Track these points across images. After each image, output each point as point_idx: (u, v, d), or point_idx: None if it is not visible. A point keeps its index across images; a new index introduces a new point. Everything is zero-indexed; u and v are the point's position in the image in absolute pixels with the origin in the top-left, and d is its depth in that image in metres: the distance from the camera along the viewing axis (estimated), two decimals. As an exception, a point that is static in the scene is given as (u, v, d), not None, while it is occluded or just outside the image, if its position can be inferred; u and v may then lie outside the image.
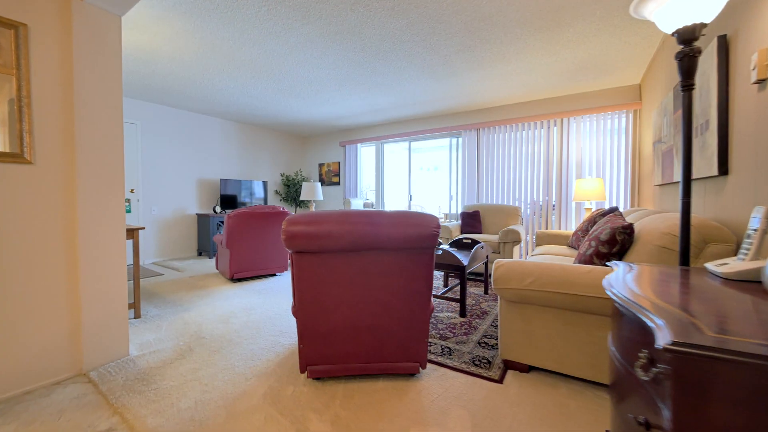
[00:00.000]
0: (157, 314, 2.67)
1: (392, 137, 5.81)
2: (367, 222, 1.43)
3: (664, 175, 2.47)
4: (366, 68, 3.44)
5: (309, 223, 1.40)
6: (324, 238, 1.40)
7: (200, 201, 5.43)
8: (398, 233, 1.44)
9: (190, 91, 4.19)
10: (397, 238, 1.44)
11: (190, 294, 3.22)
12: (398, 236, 1.44)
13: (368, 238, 1.43)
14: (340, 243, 1.42)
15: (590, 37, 2.78)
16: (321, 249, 1.44)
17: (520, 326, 1.78)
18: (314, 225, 1.40)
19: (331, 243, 1.42)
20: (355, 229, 1.42)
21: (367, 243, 1.44)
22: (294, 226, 1.40)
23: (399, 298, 1.60)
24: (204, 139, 5.43)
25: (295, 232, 1.40)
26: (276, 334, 2.28)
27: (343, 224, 1.42)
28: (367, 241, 1.43)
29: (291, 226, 1.40)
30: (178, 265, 4.54)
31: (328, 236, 1.40)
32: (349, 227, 1.42)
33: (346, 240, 1.42)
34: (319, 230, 1.40)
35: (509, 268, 1.75)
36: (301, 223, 1.40)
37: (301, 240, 1.40)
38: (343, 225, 1.42)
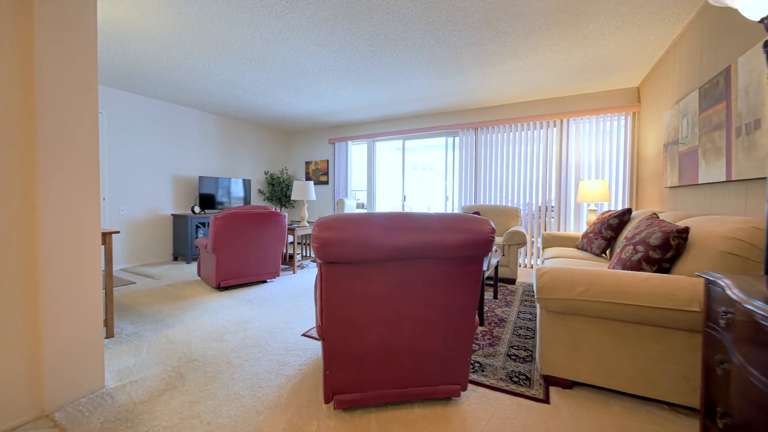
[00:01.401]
0: (135, 332, 2.29)
1: (385, 135, 5.60)
2: (417, 227, 1.21)
3: (683, 176, 2.44)
4: (370, 59, 3.21)
5: (347, 228, 1.16)
6: (366, 246, 1.17)
7: (176, 200, 4.95)
8: (451, 240, 1.23)
9: (168, 77, 3.76)
10: (450, 246, 1.23)
11: (172, 306, 2.84)
12: (452, 243, 1.23)
13: (418, 246, 1.21)
14: (384, 252, 1.19)
15: (606, 35, 2.71)
16: (360, 259, 1.20)
17: (564, 339, 1.63)
18: (354, 231, 1.16)
19: (374, 252, 1.18)
20: (405, 235, 1.20)
21: (416, 251, 1.22)
22: (328, 231, 1.15)
23: (442, 313, 1.39)
24: (181, 133, 4.96)
25: (329, 239, 1.15)
26: (281, 352, 2.00)
27: (390, 230, 1.19)
28: (416, 250, 1.22)
29: (324, 231, 1.15)
30: (152, 272, 4.08)
31: (371, 244, 1.17)
32: (397, 234, 1.19)
33: (391, 248, 1.19)
34: (361, 237, 1.16)
35: (555, 277, 1.59)
36: (337, 228, 1.16)
37: (337, 248, 1.16)
38: (390, 231, 1.19)
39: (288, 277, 3.88)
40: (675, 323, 1.39)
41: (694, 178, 2.25)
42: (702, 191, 2.21)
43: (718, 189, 2.01)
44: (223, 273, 3.25)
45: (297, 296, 3.14)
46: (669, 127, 2.71)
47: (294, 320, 2.53)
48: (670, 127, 2.69)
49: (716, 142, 1.95)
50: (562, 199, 4.32)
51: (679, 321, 1.38)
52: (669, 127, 2.71)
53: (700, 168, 2.16)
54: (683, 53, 2.59)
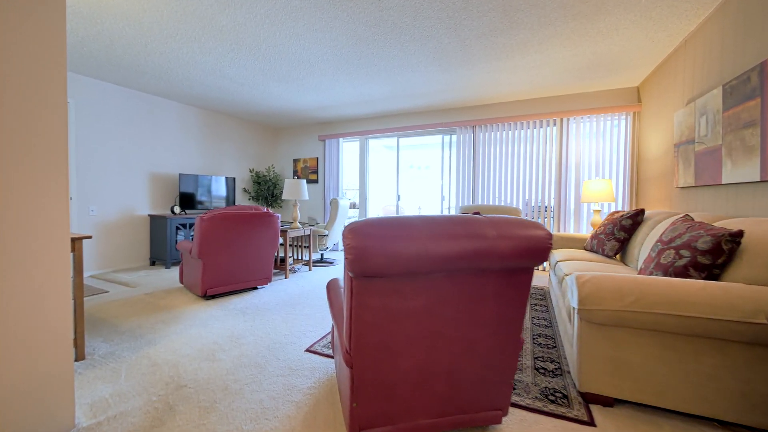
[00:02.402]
0: (110, 352, 1.98)
1: (379, 132, 5.39)
2: (470, 233, 1.02)
3: (700, 177, 2.38)
4: (372, 49, 2.99)
5: (390, 236, 0.96)
6: (413, 257, 0.97)
7: (153, 199, 4.55)
8: (506, 247, 1.05)
9: (145, 64, 3.40)
10: (504, 254, 1.05)
11: (152, 318, 2.52)
12: (506, 251, 1.05)
13: (468, 255, 1.02)
14: (431, 263, 0.99)
15: (620, 30, 2.62)
16: (404, 271, 1.00)
17: (607, 352, 1.49)
18: (399, 239, 0.96)
19: (421, 263, 0.98)
20: (456, 243, 1.00)
21: (465, 261, 1.03)
22: (367, 240, 0.94)
23: (486, 330, 1.21)
24: (159, 126, 4.56)
25: (368, 248, 0.94)
26: (284, 372, 1.77)
27: (440, 237, 0.99)
28: (466, 259, 1.03)
29: (362, 239, 0.94)
30: (126, 279, 3.69)
31: (419, 254, 0.97)
32: (447, 241, 1.00)
33: (439, 258, 0.99)
34: (407, 246, 0.96)
35: (601, 285, 1.44)
36: (378, 236, 0.95)
37: (378, 260, 0.95)
38: (440, 238, 0.99)
39: (280, 283, 3.61)
40: (735, 336, 1.27)
41: (716, 178, 2.18)
42: (725, 192, 2.14)
43: (746, 189, 1.94)
44: (211, 280, 2.95)
45: (293, 304, 2.89)
46: (682, 127, 2.66)
47: (294, 333, 2.29)
48: (683, 126, 2.63)
49: (747, 141, 1.87)
50: (562, 199, 4.26)
51: (740, 333, 1.25)
52: (682, 127, 2.66)
53: (723, 168, 2.09)
54: (697, 51, 2.53)
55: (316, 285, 3.54)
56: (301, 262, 4.23)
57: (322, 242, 4.54)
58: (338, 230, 4.82)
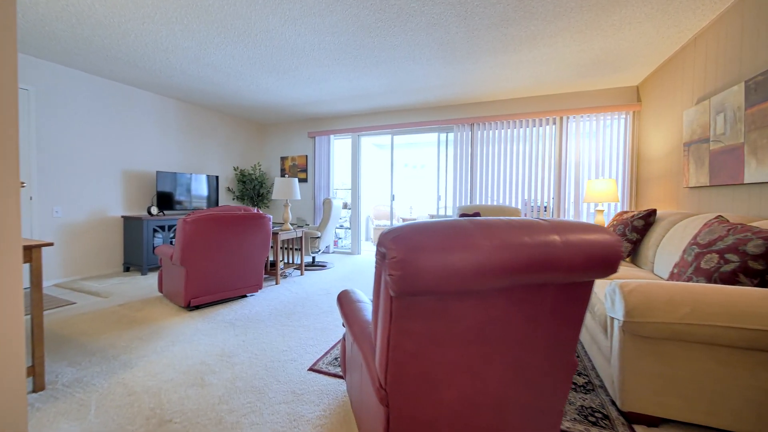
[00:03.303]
0: (77, 379, 1.69)
1: (373, 129, 5.18)
2: (538, 241, 0.84)
3: (716, 176, 2.31)
4: (374, 37, 2.78)
5: (447, 246, 0.76)
6: (474, 272, 0.77)
7: (128, 199, 4.16)
8: (577, 256, 0.87)
9: (118, 48, 3.06)
10: (574, 265, 0.87)
11: (128, 334, 2.22)
12: (577, 261, 0.87)
13: (534, 267, 0.84)
14: (494, 277, 0.80)
15: (633, 24, 2.53)
16: (461, 289, 0.80)
17: (652, 368, 1.35)
18: (458, 250, 0.76)
19: (482, 279, 0.79)
20: (523, 253, 0.82)
21: (530, 274, 0.85)
22: (419, 252, 0.74)
23: (540, 353, 1.03)
24: (134, 120, 4.17)
25: (422, 262, 0.74)
26: (288, 398, 1.54)
27: (504, 247, 0.80)
28: (531, 272, 0.84)
29: (413, 252, 0.74)
30: (97, 288, 3.32)
31: (483, 268, 0.78)
32: (513, 251, 0.81)
33: (503, 272, 0.81)
34: (467, 258, 0.77)
35: (650, 295, 1.30)
36: (431, 246, 0.75)
37: (432, 276, 0.75)
38: (504, 249, 0.80)
39: (271, 290, 3.34)
40: (802, 350, 1.15)
41: (736, 178, 2.11)
42: (746, 191, 2.07)
43: (773, 189, 1.87)
44: (195, 288, 2.66)
45: (288, 314, 2.64)
46: (693, 125, 2.60)
47: (293, 348, 2.05)
48: (695, 124, 2.57)
49: (777, 138, 1.79)
50: (562, 199, 4.19)
51: (809, 348, 1.14)
52: (693, 125, 2.60)
53: (746, 167, 2.02)
54: (710, 47, 2.48)
55: (310, 291, 3.30)
56: (292, 266, 3.96)
57: (315, 244, 4.29)
58: (331, 232, 4.58)
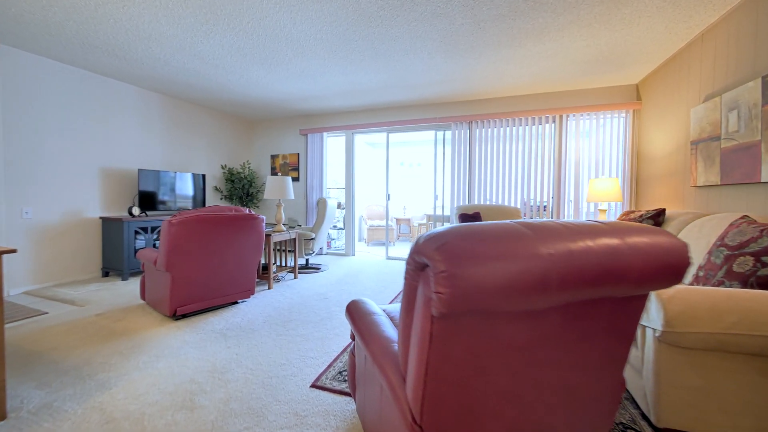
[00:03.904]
0: (46, 403, 1.48)
1: (367, 126, 5.02)
2: (604, 248, 0.71)
3: (728, 175, 2.26)
4: (374, 28, 2.63)
5: (504, 255, 0.62)
6: (535, 285, 0.64)
7: (107, 199, 3.89)
8: (642, 265, 0.75)
9: (95, 35, 2.81)
10: (639, 275, 0.75)
11: (106, 349, 2.00)
12: (643, 271, 0.75)
13: (598, 278, 0.71)
14: (559, 291, 0.67)
15: (643, 18, 2.46)
16: (521, 306, 0.66)
17: (691, 381, 1.25)
18: (517, 260, 0.62)
19: (544, 294, 0.66)
20: (589, 262, 0.68)
21: (592, 287, 0.71)
22: (474, 264, 0.60)
23: (590, 373, 0.90)
24: (113, 114, 3.90)
25: (479, 278, 0.59)
26: (291, 423, 1.37)
27: (568, 256, 0.67)
28: (594, 284, 0.71)
29: (466, 264, 0.60)
30: (72, 295, 3.06)
31: (547, 281, 0.64)
32: (577, 260, 0.67)
33: (571, 285, 0.67)
34: (529, 270, 0.63)
35: (692, 303, 1.19)
36: (487, 256, 0.61)
37: (490, 293, 0.61)
38: (568, 257, 0.67)
39: (264, 295, 3.15)
40: None
41: (752, 176, 2.05)
42: (764, 190, 2.02)
43: (794, 188, 1.81)
44: (181, 296, 2.46)
45: (284, 322, 2.47)
46: (702, 123, 2.54)
47: (292, 361, 1.88)
48: (704, 122, 2.52)
49: (800, 135, 1.73)
50: (561, 199, 4.13)
51: None
52: (702, 123, 2.54)
53: (764, 165, 1.96)
54: (720, 43, 2.42)
55: (306, 296, 3.12)
56: (285, 269, 3.77)
57: (309, 246, 4.11)
58: (325, 233, 4.40)
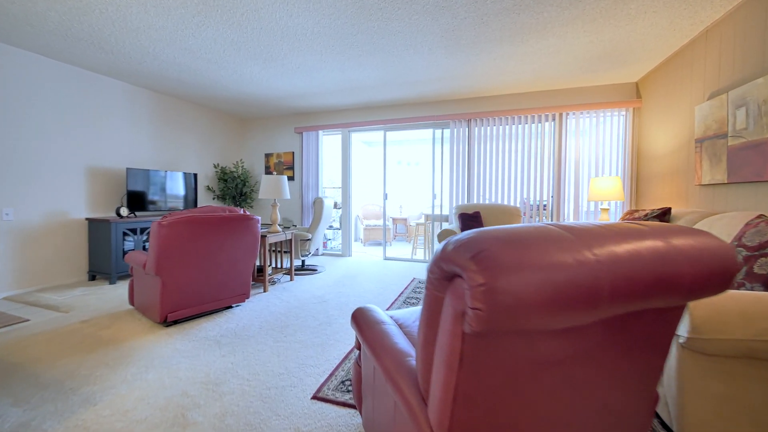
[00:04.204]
0: (24, 423, 1.36)
1: (364, 124, 4.93)
2: (656, 254, 0.63)
3: (735, 173, 2.22)
4: (374, 21, 2.54)
5: (554, 264, 0.53)
6: (586, 298, 0.55)
7: (93, 199, 3.73)
8: (692, 273, 0.67)
9: (80, 27, 2.66)
10: (694, 283, 0.67)
11: (91, 360, 1.88)
12: (697, 278, 0.67)
13: (645, 287, 0.63)
14: (609, 304, 0.59)
15: (648, 14, 2.41)
16: (569, 322, 0.58)
17: (718, 389, 1.18)
18: (563, 269, 0.54)
19: (594, 307, 0.57)
20: (642, 269, 0.61)
21: (639, 297, 0.64)
22: (519, 276, 0.51)
23: (626, 388, 0.83)
24: (100, 111, 3.74)
25: (524, 292, 0.51)
26: (291, 438, 1.28)
27: (618, 263, 0.59)
28: (641, 294, 0.63)
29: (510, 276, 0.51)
30: (56, 301, 2.91)
31: (599, 292, 0.56)
32: (627, 267, 0.60)
33: (622, 296, 0.59)
34: (577, 279, 0.54)
35: (719, 308, 1.13)
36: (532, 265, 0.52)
37: (537, 308, 0.53)
38: (618, 264, 0.59)
39: (259, 299, 3.03)
40: None
41: (761, 174, 2.01)
42: None
43: (808, 187, 1.77)
44: (173, 301, 2.34)
45: (281, 327, 2.36)
46: (707, 121, 2.51)
47: (291, 370, 1.79)
48: (709, 120, 2.48)
49: (815, 133, 1.68)
50: (562, 198, 4.09)
51: None
52: (707, 121, 2.51)
53: (774, 163, 1.92)
54: (725, 40, 2.39)
55: (303, 299, 3.02)
56: (281, 271, 3.66)
57: (305, 247, 4.00)
58: (322, 233, 4.30)
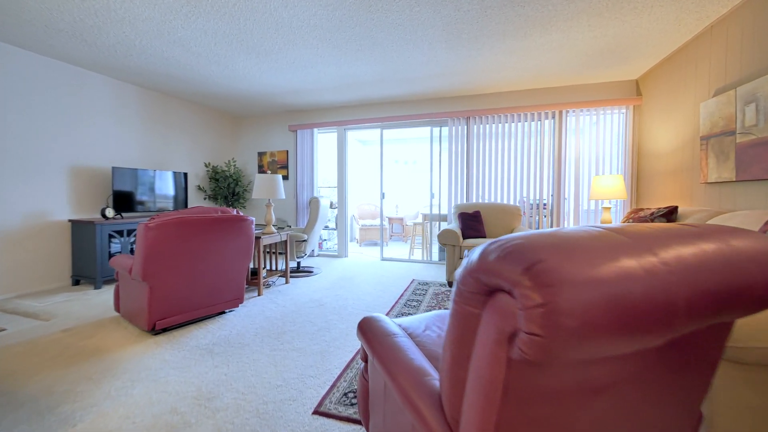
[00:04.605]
0: (-8, 448, 1.23)
1: (360, 122, 4.81)
2: (725, 256, 0.54)
3: (744, 170, 2.18)
4: (374, 13, 2.43)
5: (623, 275, 0.44)
6: (665, 316, 0.46)
7: (77, 200, 3.55)
8: (764, 278, 0.58)
9: (59, 18, 2.50)
10: (765, 291, 0.59)
11: (72, 373, 1.74)
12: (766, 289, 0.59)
13: (724, 299, 0.54)
14: (680, 319, 0.50)
15: (656, 8, 2.35)
16: (637, 344, 0.49)
17: (752, 400, 1.11)
18: (633, 281, 0.44)
19: (669, 324, 0.48)
20: (712, 277, 0.52)
21: (711, 311, 0.55)
22: (588, 293, 0.42)
23: (671, 409, 0.74)
24: (84, 108, 3.56)
25: (592, 311, 0.41)
26: (292, 459, 1.17)
27: (686, 270, 0.50)
28: (720, 307, 0.54)
29: (578, 293, 0.41)
30: (36, 308, 2.74)
31: (676, 308, 0.47)
32: (697, 274, 0.51)
33: (695, 309, 0.50)
34: (649, 291, 0.45)
35: (758, 315, 1.05)
36: (602, 280, 0.43)
37: (607, 331, 0.43)
38: (687, 272, 0.50)
39: (254, 303, 2.91)
40: None
41: (772, 172, 1.96)
42: (785, 187, 1.93)
43: (824, 184, 1.72)
44: (161, 308, 2.20)
45: (277, 334, 2.25)
46: (714, 117, 2.46)
47: (289, 381, 1.67)
48: (716, 116, 2.44)
49: (833, 128, 1.63)
50: (562, 197, 4.04)
51: None
52: (714, 117, 2.46)
53: (788, 160, 1.87)
54: (733, 35, 2.34)
55: (299, 302, 2.90)
56: (276, 273, 3.53)
57: (301, 248, 3.88)
58: (318, 234, 4.18)
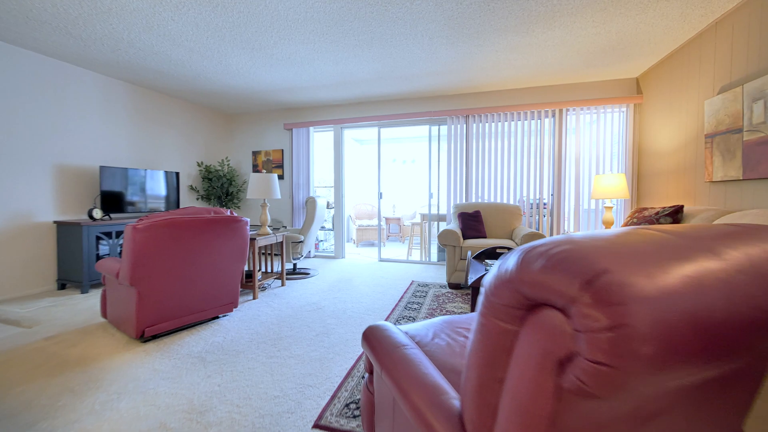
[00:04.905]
0: (-39, 474, 1.12)
1: (357, 121, 4.72)
2: None
3: (753, 169, 2.14)
4: (373, 6, 2.34)
5: (696, 285, 0.36)
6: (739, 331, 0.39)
7: (62, 200, 3.40)
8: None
9: (41, 8, 2.37)
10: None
11: (54, 386, 1.63)
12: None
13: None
14: (757, 331, 0.42)
15: (661, 2, 2.30)
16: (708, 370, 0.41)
17: (778, 413, 1.05)
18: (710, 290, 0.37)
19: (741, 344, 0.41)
20: None
21: None
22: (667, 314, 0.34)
23: (715, 429, 0.67)
24: (70, 104, 3.41)
25: (671, 332, 0.33)
26: (291, 480, 1.08)
27: (760, 272, 0.42)
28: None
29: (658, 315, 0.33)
30: (18, 314, 2.61)
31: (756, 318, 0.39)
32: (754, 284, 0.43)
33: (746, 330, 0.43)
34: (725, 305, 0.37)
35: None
36: (676, 292, 0.35)
37: (684, 355, 0.35)
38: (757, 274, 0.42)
39: (248, 307, 2.80)
40: None
41: (785, 170, 1.92)
42: (797, 186, 1.89)
43: (838, 182, 1.67)
44: (150, 314, 2.09)
45: (274, 340, 2.15)
46: (719, 115, 2.42)
47: (288, 392, 1.58)
48: (722, 114, 2.40)
49: None
50: (562, 196, 3.99)
51: None
52: (719, 115, 2.42)
53: (799, 158, 1.83)
54: (739, 32, 2.30)
55: (296, 306, 2.80)
56: (271, 275, 3.43)
57: (297, 250, 3.78)
58: (314, 235, 4.08)
